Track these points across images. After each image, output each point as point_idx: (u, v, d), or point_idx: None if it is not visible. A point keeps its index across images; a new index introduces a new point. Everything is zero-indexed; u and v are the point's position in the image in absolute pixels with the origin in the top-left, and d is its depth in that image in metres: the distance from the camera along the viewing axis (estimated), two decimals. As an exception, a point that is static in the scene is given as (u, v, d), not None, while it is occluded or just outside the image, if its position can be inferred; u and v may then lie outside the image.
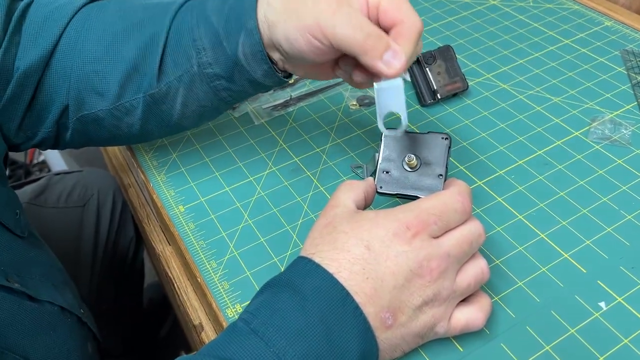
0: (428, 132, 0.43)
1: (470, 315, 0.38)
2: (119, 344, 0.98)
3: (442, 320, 0.37)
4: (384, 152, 0.43)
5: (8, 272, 0.44)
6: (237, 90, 0.46)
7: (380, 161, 0.43)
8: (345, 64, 0.43)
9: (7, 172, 0.49)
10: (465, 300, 0.39)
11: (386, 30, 0.39)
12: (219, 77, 0.45)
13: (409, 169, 0.42)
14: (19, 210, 0.49)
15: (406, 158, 0.42)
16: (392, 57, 0.37)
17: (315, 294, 0.34)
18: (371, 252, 0.35)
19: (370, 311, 0.34)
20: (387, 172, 0.42)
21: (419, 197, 0.41)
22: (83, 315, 0.52)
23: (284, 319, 0.33)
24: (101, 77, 0.46)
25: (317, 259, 0.36)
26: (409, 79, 0.37)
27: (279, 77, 0.45)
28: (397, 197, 0.43)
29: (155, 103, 0.47)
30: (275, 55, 0.43)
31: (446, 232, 0.37)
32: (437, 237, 0.37)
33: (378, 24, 0.39)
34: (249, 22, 0.41)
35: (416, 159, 0.42)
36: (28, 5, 0.48)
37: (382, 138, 0.43)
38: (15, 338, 0.42)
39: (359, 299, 0.34)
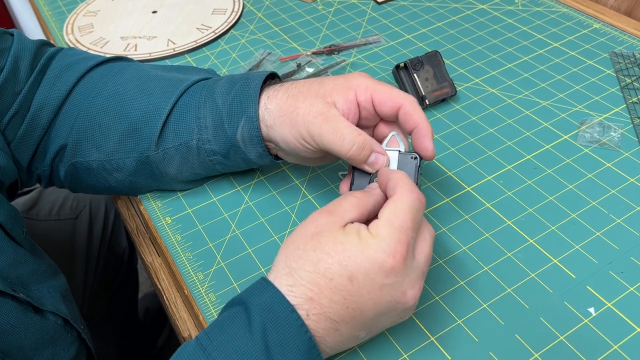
0: (399, 152, 0.43)
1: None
2: (115, 355, 0.98)
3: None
4: (355, 174, 0.44)
5: (14, 285, 0.44)
6: (230, 165, 0.50)
7: (353, 183, 0.44)
8: None
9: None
10: None
11: (386, 115, 0.44)
12: (215, 153, 0.48)
13: None
14: (24, 229, 0.50)
15: (375, 179, 0.42)
16: (375, 161, 0.42)
17: (261, 310, 0.35)
18: (354, 284, 0.35)
19: (344, 332, 0.36)
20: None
21: None
22: (83, 330, 0.52)
23: (229, 335, 0.35)
24: (103, 130, 0.49)
25: (295, 277, 0.36)
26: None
27: (271, 159, 0.48)
28: None
29: (149, 165, 0.50)
30: (270, 145, 0.47)
31: (417, 242, 0.38)
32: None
33: (375, 112, 0.44)
34: (251, 109, 0.45)
35: None
36: (56, 52, 0.52)
37: None
38: (18, 347, 0.42)
39: (332, 325, 0.36)
